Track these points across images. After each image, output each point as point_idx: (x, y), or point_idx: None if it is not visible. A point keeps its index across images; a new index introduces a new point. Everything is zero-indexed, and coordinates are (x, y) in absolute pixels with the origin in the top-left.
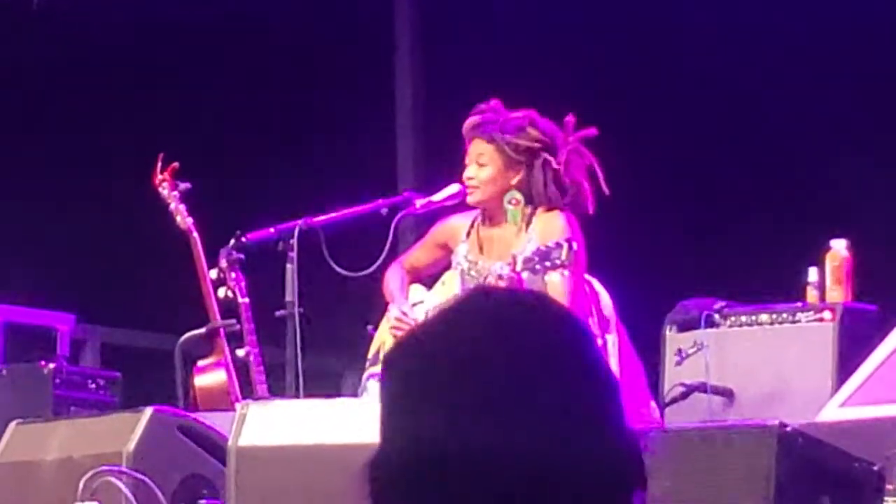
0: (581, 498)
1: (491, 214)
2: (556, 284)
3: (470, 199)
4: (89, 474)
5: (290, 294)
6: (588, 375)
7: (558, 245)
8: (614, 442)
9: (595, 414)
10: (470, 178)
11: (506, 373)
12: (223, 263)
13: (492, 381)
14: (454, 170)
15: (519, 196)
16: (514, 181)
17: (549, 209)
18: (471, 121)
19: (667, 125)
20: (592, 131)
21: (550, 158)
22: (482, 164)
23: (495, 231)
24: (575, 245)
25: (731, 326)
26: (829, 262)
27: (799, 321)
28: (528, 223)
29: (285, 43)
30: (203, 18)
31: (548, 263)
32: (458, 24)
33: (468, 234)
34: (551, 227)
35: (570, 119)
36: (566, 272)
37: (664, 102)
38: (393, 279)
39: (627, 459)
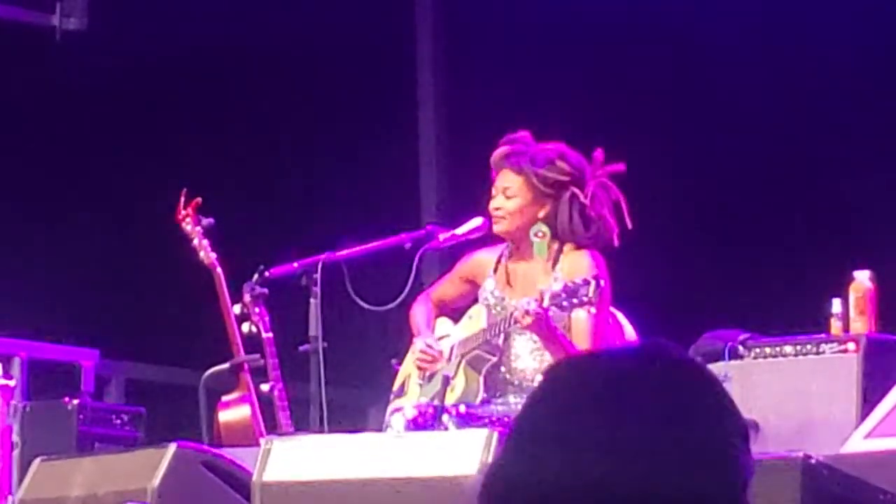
0: None
1: (517, 247)
2: (581, 321)
3: (496, 229)
4: None
5: (314, 329)
6: (713, 416)
7: (586, 282)
8: (732, 479)
9: (719, 454)
10: (497, 209)
11: (638, 411)
12: (247, 298)
13: (626, 418)
14: (477, 203)
15: (545, 229)
16: (541, 214)
17: (576, 247)
18: (500, 151)
19: (691, 159)
20: (621, 167)
21: (578, 192)
22: (510, 196)
23: (521, 266)
24: (602, 282)
25: (755, 358)
26: (853, 294)
27: (823, 352)
28: (556, 262)
29: (308, 78)
30: (224, 53)
31: (575, 300)
32: (481, 58)
33: (495, 269)
34: (578, 265)
35: (598, 154)
36: (592, 309)
37: (688, 136)
38: (420, 312)
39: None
